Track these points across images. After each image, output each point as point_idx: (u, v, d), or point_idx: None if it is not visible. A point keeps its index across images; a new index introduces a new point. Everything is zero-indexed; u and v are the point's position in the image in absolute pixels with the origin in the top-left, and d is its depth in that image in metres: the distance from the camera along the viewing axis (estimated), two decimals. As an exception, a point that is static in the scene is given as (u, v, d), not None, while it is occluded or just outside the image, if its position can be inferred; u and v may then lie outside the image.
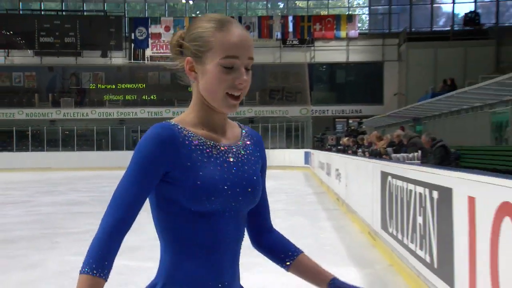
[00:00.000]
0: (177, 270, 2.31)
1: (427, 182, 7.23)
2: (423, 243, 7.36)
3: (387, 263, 9.22)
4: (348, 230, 12.74)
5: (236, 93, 2.24)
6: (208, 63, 2.22)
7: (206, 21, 2.27)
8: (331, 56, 47.19)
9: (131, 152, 2.20)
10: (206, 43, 2.22)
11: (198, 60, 2.25)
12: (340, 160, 18.84)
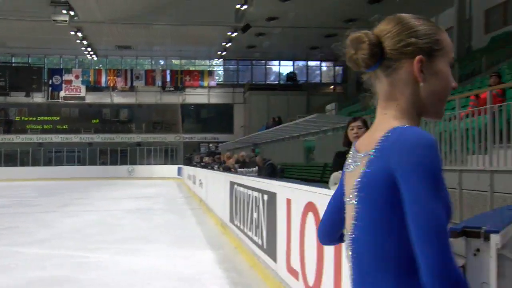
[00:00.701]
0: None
1: (260, 189, 7.36)
2: (257, 231, 7.45)
3: (233, 246, 9.23)
4: (207, 223, 12.74)
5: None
6: (438, 63, 1.49)
7: (417, 19, 1.63)
8: (197, 99, 47.15)
9: (47, 167, 1.57)
10: (437, 42, 1.51)
11: (430, 59, 1.48)
12: (202, 173, 18.87)
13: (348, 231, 1.49)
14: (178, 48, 43.27)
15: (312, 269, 4.61)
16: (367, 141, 1.48)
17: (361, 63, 1.53)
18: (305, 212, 4.90)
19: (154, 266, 7.59)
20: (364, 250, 1.43)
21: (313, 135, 20.68)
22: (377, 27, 1.58)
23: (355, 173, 1.47)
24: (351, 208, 1.47)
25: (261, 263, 7.04)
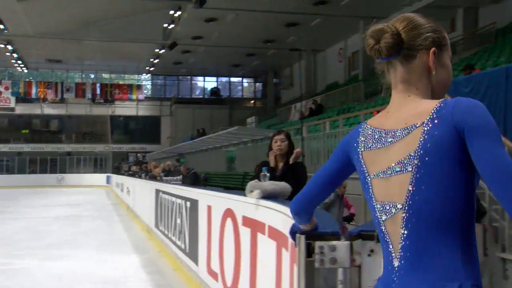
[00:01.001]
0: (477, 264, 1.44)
1: (183, 196, 7.33)
2: (180, 236, 7.41)
3: (157, 250, 9.15)
4: (133, 228, 12.54)
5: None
6: (444, 56, 1.57)
7: (426, 17, 1.61)
8: (126, 111, 46.27)
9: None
10: (444, 38, 1.59)
11: (439, 52, 1.56)
12: (130, 181, 18.52)
13: (398, 202, 1.45)
14: (108, 63, 42.34)
15: (230, 270, 4.63)
16: (401, 119, 1.50)
17: (384, 51, 1.56)
18: (224, 217, 4.92)
19: (81, 270, 7.39)
20: (427, 215, 1.40)
21: (234, 146, 20.78)
22: (392, 23, 1.59)
23: (404, 145, 1.45)
24: (399, 178, 1.45)
25: (184, 266, 7.00)
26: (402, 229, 1.43)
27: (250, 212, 4.06)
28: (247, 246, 4.14)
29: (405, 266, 1.43)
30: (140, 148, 45.15)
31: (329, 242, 1.70)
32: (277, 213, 3.24)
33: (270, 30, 30.12)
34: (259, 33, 30.63)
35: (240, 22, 28.50)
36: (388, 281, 1.47)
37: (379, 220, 1.50)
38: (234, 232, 4.57)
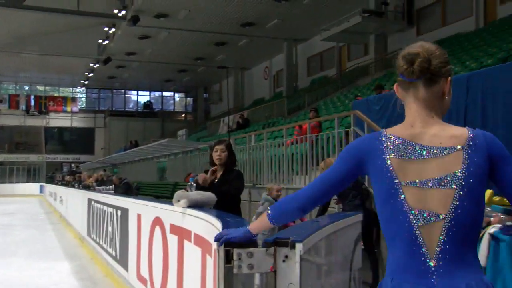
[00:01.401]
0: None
1: (114, 205, 7.13)
2: (111, 243, 7.21)
3: (89, 257, 8.87)
4: (66, 236, 12.06)
5: None
6: (450, 85, 1.69)
7: (441, 49, 1.71)
8: (60, 122, 44.70)
9: None
10: (452, 70, 1.74)
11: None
12: (63, 190, 17.84)
13: (441, 212, 1.57)
14: (43, 76, 40.78)
15: (159, 276, 4.55)
16: (435, 137, 1.62)
17: (417, 73, 1.64)
18: (153, 225, 4.82)
19: (13, 279, 7.01)
20: (463, 226, 1.56)
21: (165, 157, 20.52)
22: (418, 46, 1.68)
23: (446, 162, 1.58)
24: (443, 192, 1.56)
25: (115, 272, 6.80)
26: (443, 235, 1.56)
27: (178, 220, 4.01)
28: (174, 253, 4.09)
29: (444, 266, 1.56)
30: (74, 158, 43.69)
31: (246, 249, 1.71)
32: (202, 221, 3.22)
33: (200, 49, 30.13)
34: (190, 51, 30.56)
35: (173, 40, 28.33)
36: (424, 280, 1.56)
37: (411, 224, 1.58)
38: (162, 240, 4.50)
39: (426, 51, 1.65)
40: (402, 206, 1.59)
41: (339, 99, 19.79)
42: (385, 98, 8.55)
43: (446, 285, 1.53)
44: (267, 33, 26.82)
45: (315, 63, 29.63)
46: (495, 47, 14.55)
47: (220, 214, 2.98)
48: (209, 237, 2.73)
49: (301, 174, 9.67)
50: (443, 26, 20.76)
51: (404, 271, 1.59)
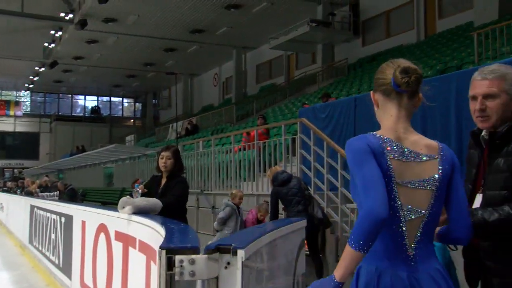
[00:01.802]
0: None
1: (58, 212, 6.91)
2: (54, 251, 6.99)
3: (31, 266, 8.55)
4: (6, 244, 11.58)
5: None
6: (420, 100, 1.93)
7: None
8: (2, 127, 43.00)
9: None
10: None
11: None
12: (4, 197, 17.13)
13: (423, 209, 1.81)
14: (-16, 78, 39.27)
15: (103, 284, 4.44)
16: (418, 145, 1.85)
17: (412, 85, 1.83)
18: (97, 232, 4.71)
19: None
20: (433, 221, 1.83)
21: (112, 163, 20.12)
22: (411, 63, 1.87)
23: (426, 167, 1.81)
24: (425, 192, 1.80)
25: (57, 281, 6.59)
26: (420, 229, 1.80)
27: (123, 227, 3.94)
28: (119, 260, 4.00)
29: (419, 255, 1.80)
30: (17, 164, 42.13)
31: (188, 256, 1.70)
32: (147, 228, 3.17)
33: (150, 54, 29.80)
34: (140, 56, 30.18)
35: (121, 45, 27.90)
36: (404, 266, 1.78)
37: (401, 219, 1.79)
38: (107, 247, 4.40)
39: (418, 68, 1.86)
40: (395, 202, 1.77)
41: (287, 107, 20.00)
42: (331, 106, 8.69)
43: (422, 270, 1.77)
44: (217, 40, 26.83)
45: (264, 70, 29.87)
46: (434, 59, 15.10)
47: (165, 221, 2.94)
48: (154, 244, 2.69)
49: (248, 181, 9.69)
50: (386, 38, 21.39)
51: (388, 259, 1.78)
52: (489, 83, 2.14)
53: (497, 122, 2.14)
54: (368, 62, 20.77)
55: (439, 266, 1.84)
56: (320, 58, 23.51)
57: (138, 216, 3.57)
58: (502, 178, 2.09)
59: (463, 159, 5.79)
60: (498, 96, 2.12)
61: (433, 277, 1.78)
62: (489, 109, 2.14)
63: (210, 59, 31.13)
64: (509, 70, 2.16)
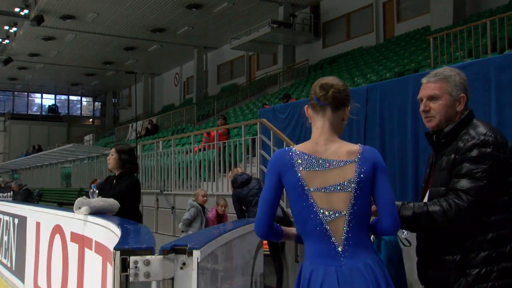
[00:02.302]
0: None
1: (11, 213, 6.74)
2: (7, 254, 6.81)
3: (-18, 269, 8.26)
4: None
5: None
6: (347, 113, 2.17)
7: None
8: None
9: None
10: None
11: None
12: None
13: (342, 210, 1.99)
14: None
15: (58, 285, 4.35)
16: (334, 153, 2.03)
17: (329, 99, 2.05)
18: (52, 234, 4.61)
19: None
20: (359, 218, 1.98)
21: (70, 162, 19.70)
22: (331, 79, 2.10)
23: (345, 171, 1.99)
24: (342, 195, 1.98)
25: (10, 284, 6.40)
26: (345, 227, 1.97)
27: (79, 228, 3.87)
28: (74, 262, 3.93)
29: (349, 250, 1.96)
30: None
31: (143, 257, 1.68)
32: (103, 229, 3.13)
33: (109, 53, 29.33)
34: (99, 54, 29.66)
35: (80, 43, 27.36)
36: (333, 262, 1.96)
37: (322, 220, 1.98)
38: (62, 248, 4.31)
39: (337, 83, 2.07)
40: (313, 208, 1.98)
41: (248, 107, 20.03)
42: (291, 107, 8.75)
43: (350, 264, 1.95)
44: (178, 39, 26.64)
45: (225, 71, 29.83)
46: (392, 61, 15.42)
47: (122, 222, 2.91)
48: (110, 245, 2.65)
49: (208, 181, 9.67)
50: (347, 40, 21.70)
51: (319, 256, 1.98)
52: (433, 86, 2.29)
53: (441, 122, 2.27)
54: (329, 63, 21.02)
55: (371, 260, 1.98)
56: (281, 59, 23.64)
57: (94, 216, 3.52)
58: (443, 175, 2.20)
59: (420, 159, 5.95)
60: (440, 97, 2.26)
61: (361, 271, 1.94)
62: (432, 110, 2.28)
63: (171, 58, 30.87)
64: (452, 72, 2.30)
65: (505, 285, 2.11)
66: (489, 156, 2.09)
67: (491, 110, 5.26)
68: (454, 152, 2.17)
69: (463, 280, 2.11)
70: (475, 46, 11.33)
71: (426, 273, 2.29)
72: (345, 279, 1.93)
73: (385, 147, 6.53)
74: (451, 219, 2.08)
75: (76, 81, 38.51)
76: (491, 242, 2.11)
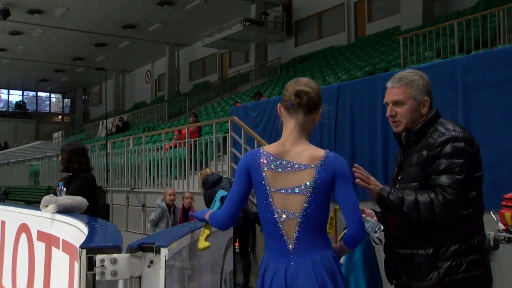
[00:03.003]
0: None
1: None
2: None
3: None
4: None
5: None
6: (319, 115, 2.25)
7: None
8: None
9: None
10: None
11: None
12: None
13: (296, 212, 2.08)
14: None
15: (24, 285, 4.27)
16: (298, 156, 2.10)
17: (304, 106, 2.11)
18: (18, 233, 4.52)
19: None
20: (313, 220, 2.06)
21: (38, 160, 19.34)
22: (305, 84, 2.15)
23: (303, 175, 2.07)
24: (298, 197, 2.07)
25: (-26, 284, 6.25)
26: (297, 227, 2.07)
27: (45, 227, 3.81)
28: (41, 261, 3.87)
29: (299, 248, 2.06)
30: None
31: (110, 255, 1.66)
32: (71, 227, 3.09)
33: (79, 49, 28.85)
34: (68, 50, 29.14)
35: (48, 38, 26.83)
36: (284, 258, 2.07)
37: (276, 219, 2.08)
38: (28, 247, 4.23)
39: (312, 90, 2.13)
40: (270, 207, 2.08)
41: (220, 105, 19.99)
42: (263, 104, 8.77)
43: (299, 261, 2.05)
44: (149, 36, 26.38)
45: (197, 68, 29.68)
46: (363, 61, 15.58)
47: (90, 220, 2.88)
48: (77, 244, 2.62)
49: (179, 179, 9.62)
50: (319, 39, 21.83)
51: (273, 252, 2.11)
52: (397, 91, 2.34)
53: (407, 126, 2.33)
54: (300, 62, 21.11)
55: (321, 257, 2.08)
56: (253, 57, 23.64)
57: (62, 215, 3.47)
58: (414, 171, 2.26)
59: (389, 157, 6.03)
60: (405, 102, 2.31)
61: (308, 267, 2.04)
62: (398, 115, 2.34)
63: (142, 55, 30.56)
64: (416, 77, 2.35)
65: (473, 276, 2.18)
66: (463, 151, 2.16)
67: (458, 110, 5.36)
68: (426, 148, 2.22)
69: (435, 273, 2.18)
70: (443, 46, 11.55)
71: (396, 269, 2.33)
72: (292, 275, 2.04)
73: (355, 145, 6.61)
74: (437, 211, 2.13)
75: (45, 77, 37.76)
76: (461, 236, 2.18)
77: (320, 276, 2.03)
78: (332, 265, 2.09)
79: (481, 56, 5.69)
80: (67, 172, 4.67)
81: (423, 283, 2.20)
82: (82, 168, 4.62)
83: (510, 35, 10.51)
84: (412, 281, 2.24)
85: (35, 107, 44.14)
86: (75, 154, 4.64)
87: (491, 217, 4.34)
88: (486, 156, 4.58)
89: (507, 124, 4.95)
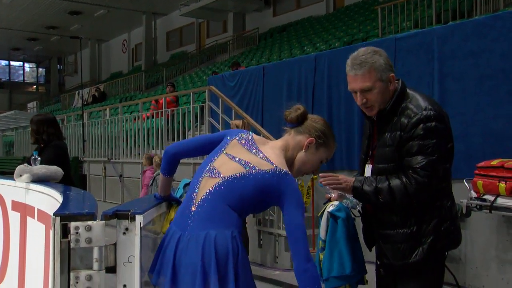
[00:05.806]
0: None
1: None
2: None
3: None
4: None
5: None
6: (315, 151, 2.20)
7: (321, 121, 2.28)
8: None
9: None
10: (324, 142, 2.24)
11: (314, 146, 2.18)
12: None
13: (223, 175, 1.97)
14: None
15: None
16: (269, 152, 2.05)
17: (293, 119, 2.12)
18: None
19: None
20: (230, 193, 1.93)
21: (12, 130, 19.02)
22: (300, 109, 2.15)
23: (254, 157, 2.00)
24: (236, 166, 1.97)
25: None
26: (210, 188, 1.95)
27: (20, 196, 3.76)
28: (16, 231, 3.83)
29: (199, 213, 1.92)
30: None
31: (84, 222, 1.64)
32: (46, 197, 3.05)
33: (52, 17, 28.08)
34: (41, 18, 28.36)
35: (19, 5, 26.03)
36: (183, 223, 1.94)
37: (204, 174, 2.01)
38: (3, 217, 4.19)
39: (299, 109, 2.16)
40: (210, 162, 2.03)
41: (198, 75, 19.81)
42: (240, 74, 8.72)
43: (193, 232, 1.89)
44: (125, 4, 25.82)
45: (175, 38, 29.26)
46: (341, 31, 15.54)
47: (65, 189, 2.84)
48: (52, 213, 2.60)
49: (157, 149, 9.57)
50: (297, 9, 21.66)
51: (180, 210, 2.04)
52: (362, 79, 2.24)
53: (381, 106, 2.29)
54: (279, 32, 20.97)
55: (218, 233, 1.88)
56: (231, 27, 23.38)
57: (37, 184, 3.43)
58: (389, 152, 2.25)
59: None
60: (373, 87, 2.24)
61: (199, 240, 1.88)
62: (369, 101, 2.27)
63: (118, 24, 29.94)
64: (375, 56, 2.25)
65: (450, 242, 2.28)
66: (435, 130, 2.16)
67: (434, 79, 5.40)
68: (399, 129, 2.22)
69: (419, 249, 2.21)
70: (421, 17, 11.56)
71: (379, 249, 2.36)
72: (183, 245, 1.90)
73: (332, 115, 6.63)
74: (411, 193, 2.15)
75: (18, 46, 36.82)
76: (438, 210, 2.22)
77: (207, 252, 1.86)
78: (229, 245, 1.88)
79: (458, 26, 5.70)
80: (37, 144, 4.60)
81: (409, 261, 2.23)
82: (52, 139, 4.56)
83: (487, 6, 10.57)
84: (398, 260, 2.26)
85: (8, 77, 43.15)
86: (44, 125, 4.57)
87: (463, 185, 4.42)
88: (459, 126, 4.68)
89: (480, 94, 5.01)
